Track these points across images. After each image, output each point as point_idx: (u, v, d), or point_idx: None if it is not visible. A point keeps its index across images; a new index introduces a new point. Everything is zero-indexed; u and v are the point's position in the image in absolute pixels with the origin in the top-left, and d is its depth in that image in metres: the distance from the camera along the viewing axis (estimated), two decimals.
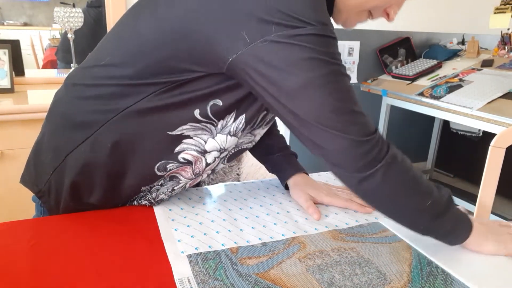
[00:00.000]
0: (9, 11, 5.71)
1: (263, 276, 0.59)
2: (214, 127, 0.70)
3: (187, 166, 0.74)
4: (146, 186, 0.76)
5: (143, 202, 0.79)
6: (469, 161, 3.01)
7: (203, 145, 0.72)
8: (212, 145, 0.72)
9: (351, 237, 0.71)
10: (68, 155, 0.71)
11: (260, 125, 0.77)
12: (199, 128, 0.69)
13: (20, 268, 0.59)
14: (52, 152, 0.74)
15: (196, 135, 0.70)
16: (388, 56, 2.83)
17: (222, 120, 0.70)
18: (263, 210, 0.80)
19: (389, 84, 2.68)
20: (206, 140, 0.71)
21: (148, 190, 0.77)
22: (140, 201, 0.79)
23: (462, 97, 2.15)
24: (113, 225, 0.72)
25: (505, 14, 2.50)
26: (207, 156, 0.74)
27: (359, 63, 2.78)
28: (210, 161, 0.75)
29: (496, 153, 0.93)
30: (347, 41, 2.70)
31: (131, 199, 0.79)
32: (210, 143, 0.72)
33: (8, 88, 1.78)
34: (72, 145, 0.71)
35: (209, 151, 0.73)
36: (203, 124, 0.69)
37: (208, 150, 0.73)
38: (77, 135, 0.70)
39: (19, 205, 1.32)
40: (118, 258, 0.62)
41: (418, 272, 0.62)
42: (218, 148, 0.73)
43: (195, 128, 0.69)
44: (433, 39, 3.00)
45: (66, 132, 0.72)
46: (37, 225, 0.71)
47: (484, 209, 0.94)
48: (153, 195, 0.78)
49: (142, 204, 0.79)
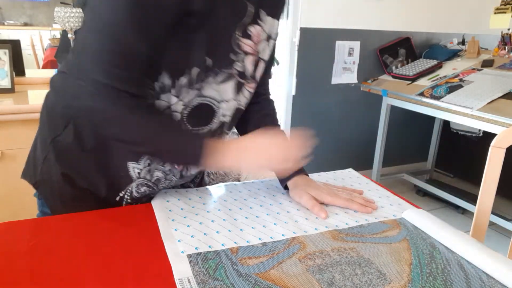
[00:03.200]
0: (9, 11, 5.72)
1: (263, 276, 0.59)
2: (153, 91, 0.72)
3: None
4: (133, 161, 0.78)
5: (142, 189, 0.81)
6: (469, 161, 3.01)
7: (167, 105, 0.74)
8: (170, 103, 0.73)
9: (351, 237, 0.72)
10: (52, 142, 0.77)
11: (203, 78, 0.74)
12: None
13: (20, 268, 0.59)
14: (41, 143, 0.81)
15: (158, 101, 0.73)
16: (389, 56, 2.83)
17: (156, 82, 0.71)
18: (263, 210, 0.80)
19: (389, 84, 2.68)
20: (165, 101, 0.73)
21: (139, 169, 0.79)
22: (138, 188, 0.81)
23: (462, 97, 2.15)
24: (113, 225, 0.72)
25: (505, 14, 2.50)
26: (168, 111, 0.74)
27: (359, 63, 2.79)
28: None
29: (496, 153, 0.93)
30: (347, 41, 2.71)
31: (125, 183, 0.80)
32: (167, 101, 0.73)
33: (9, 88, 1.78)
34: (54, 132, 0.77)
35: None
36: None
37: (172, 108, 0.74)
38: (59, 123, 0.77)
39: (20, 205, 1.32)
40: (118, 258, 0.62)
41: (418, 272, 0.62)
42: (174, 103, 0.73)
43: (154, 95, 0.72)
44: (433, 39, 3.01)
45: (50, 122, 0.79)
46: (37, 225, 0.71)
47: (484, 209, 0.94)
48: (146, 174, 0.80)
49: (142, 191, 0.81)
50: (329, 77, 2.74)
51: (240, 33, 0.73)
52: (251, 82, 0.82)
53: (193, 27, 0.67)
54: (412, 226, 0.76)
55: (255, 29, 0.75)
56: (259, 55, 0.80)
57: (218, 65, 0.72)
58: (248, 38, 0.75)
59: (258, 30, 0.76)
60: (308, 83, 2.66)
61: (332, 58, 2.70)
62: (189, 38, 0.68)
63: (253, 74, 0.82)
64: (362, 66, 2.81)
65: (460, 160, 3.11)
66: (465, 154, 3.05)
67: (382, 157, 2.76)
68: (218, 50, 0.71)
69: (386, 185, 0.98)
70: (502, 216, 2.23)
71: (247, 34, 0.74)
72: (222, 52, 0.72)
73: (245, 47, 0.75)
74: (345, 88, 2.81)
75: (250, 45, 0.75)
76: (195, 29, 0.67)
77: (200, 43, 0.68)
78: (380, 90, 2.65)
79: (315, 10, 2.55)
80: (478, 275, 0.62)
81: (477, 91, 2.16)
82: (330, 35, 2.64)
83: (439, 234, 0.72)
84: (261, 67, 0.83)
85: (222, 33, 0.70)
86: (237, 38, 0.73)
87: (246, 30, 0.74)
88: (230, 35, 0.71)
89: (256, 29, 0.75)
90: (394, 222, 0.78)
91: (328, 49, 2.67)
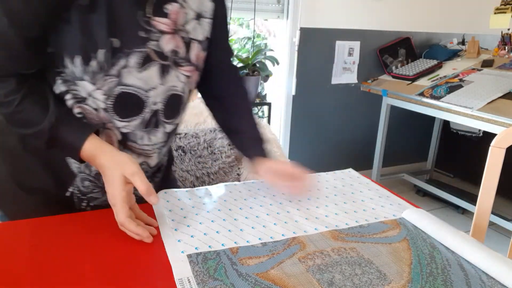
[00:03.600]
0: None
1: (263, 276, 0.59)
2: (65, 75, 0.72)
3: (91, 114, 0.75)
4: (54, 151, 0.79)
5: (85, 183, 0.81)
6: (469, 161, 3.01)
7: (80, 93, 0.73)
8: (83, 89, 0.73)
9: (351, 237, 0.72)
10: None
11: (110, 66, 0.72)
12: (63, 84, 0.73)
13: (20, 268, 0.59)
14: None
15: (69, 91, 0.73)
16: (389, 56, 2.83)
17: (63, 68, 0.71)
18: (263, 210, 0.80)
19: (389, 84, 2.68)
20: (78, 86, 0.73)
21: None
22: (82, 183, 0.81)
23: (462, 97, 2.15)
24: (113, 225, 0.72)
25: (505, 14, 2.50)
26: (90, 101, 0.73)
27: (359, 63, 2.79)
28: (101, 106, 0.74)
29: (496, 153, 0.93)
30: (347, 41, 2.71)
31: (70, 178, 0.80)
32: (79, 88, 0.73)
33: None
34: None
35: (87, 96, 0.73)
36: (61, 76, 0.72)
37: (85, 95, 0.73)
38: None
39: None
40: (118, 258, 0.62)
41: (418, 272, 0.62)
42: (88, 92, 0.72)
43: (63, 83, 0.72)
44: (433, 39, 3.01)
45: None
46: (37, 225, 0.71)
47: (484, 209, 0.94)
48: (85, 169, 0.80)
49: (86, 185, 0.81)
50: (329, 77, 2.74)
51: (151, 10, 0.71)
52: (186, 65, 0.80)
53: (88, 9, 0.65)
54: (412, 226, 0.76)
55: (173, 6, 0.74)
56: (189, 35, 0.79)
57: (127, 45, 0.70)
58: (165, 16, 0.73)
59: (176, 8, 0.74)
60: (308, 83, 2.66)
61: (332, 58, 2.70)
62: (87, 20, 0.66)
63: (186, 56, 0.80)
64: (362, 66, 2.80)
65: (460, 160, 3.11)
66: (465, 154, 3.05)
67: (382, 157, 2.76)
68: (124, 30, 0.69)
69: (386, 185, 0.98)
70: (502, 216, 2.23)
71: (164, 13, 0.73)
72: (129, 31, 0.70)
73: (160, 26, 0.73)
74: (345, 88, 2.81)
75: (166, 23, 0.73)
76: (90, 10, 0.66)
77: (100, 23, 0.67)
78: (380, 90, 2.65)
79: (315, 10, 2.55)
80: (478, 275, 0.62)
81: (477, 91, 2.16)
82: (330, 35, 2.64)
83: (439, 234, 0.72)
84: (196, 48, 0.81)
85: (123, 11, 0.68)
86: (146, 16, 0.71)
87: (161, 8, 0.72)
88: (134, 13, 0.70)
89: (174, 6, 0.74)
90: (394, 222, 0.78)
91: (328, 49, 2.67)
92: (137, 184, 0.68)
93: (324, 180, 0.96)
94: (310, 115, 2.75)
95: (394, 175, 3.04)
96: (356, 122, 2.93)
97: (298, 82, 2.62)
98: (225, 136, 1.02)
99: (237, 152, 0.97)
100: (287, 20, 2.53)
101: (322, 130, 2.82)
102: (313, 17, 2.55)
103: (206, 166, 1.35)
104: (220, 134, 1.38)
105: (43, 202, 0.80)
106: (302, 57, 2.59)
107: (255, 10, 2.39)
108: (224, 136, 1.33)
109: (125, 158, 0.71)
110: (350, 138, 2.95)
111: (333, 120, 2.84)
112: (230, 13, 2.31)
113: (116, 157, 0.71)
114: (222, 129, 1.01)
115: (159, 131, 0.81)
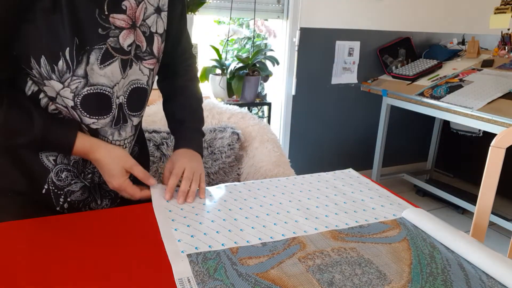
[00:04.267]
0: None
1: (263, 276, 0.59)
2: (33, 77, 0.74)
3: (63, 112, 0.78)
4: (44, 151, 0.80)
5: (62, 175, 0.81)
6: (469, 161, 3.01)
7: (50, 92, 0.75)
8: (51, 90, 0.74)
9: (351, 237, 0.72)
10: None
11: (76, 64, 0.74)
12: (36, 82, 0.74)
13: (20, 268, 0.59)
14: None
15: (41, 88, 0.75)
16: (388, 56, 2.83)
17: (30, 70, 0.72)
18: (263, 210, 0.80)
19: (389, 84, 2.68)
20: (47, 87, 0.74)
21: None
22: (58, 176, 0.81)
23: (462, 97, 2.15)
24: (113, 225, 0.72)
25: (505, 14, 2.50)
26: (60, 99, 0.75)
27: (359, 63, 2.79)
28: (69, 104, 0.75)
29: (496, 153, 0.93)
30: (347, 41, 2.71)
31: (44, 175, 0.81)
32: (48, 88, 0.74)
33: None
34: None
35: (57, 95, 0.75)
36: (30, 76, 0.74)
37: (54, 95, 0.75)
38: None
39: None
40: (118, 258, 0.62)
41: (418, 272, 0.62)
42: (57, 90, 0.74)
43: (38, 82, 0.74)
44: (433, 39, 3.01)
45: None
46: (37, 225, 0.71)
47: (484, 209, 0.94)
48: (63, 159, 0.81)
49: (63, 177, 0.82)
50: (329, 77, 2.73)
51: (108, 8, 0.73)
52: (149, 59, 0.83)
53: (51, 10, 0.67)
54: (412, 226, 0.76)
55: (130, 2, 0.76)
56: (150, 29, 0.82)
57: (88, 43, 0.72)
58: (123, 13, 0.75)
59: (132, 3, 0.76)
60: (308, 83, 2.66)
61: (332, 58, 2.70)
62: (51, 21, 0.68)
63: (148, 50, 0.83)
64: (362, 66, 2.80)
65: (460, 160, 3.11)
66: (465, 154, 3.05)
67: (382, 157, 2.76)
68: (84, 28, 0.71)
69: (386, 185, 0.98)
70: (502, 216, 2.23)
71: (121, 9, 0.75)
72: (89, 29, 0.72)
73: (118, 22, 0.75)
74: (345, 88, 2.81)
75: (123, 19, 0.76)
76: (53, 11, 0.67)
77: (63, 23, 0.68)
78: (380, 90, 2.65)
79: (315, 10, 2.55)
80: (478, 275, 0.62)
81: (477, 91, 2.16)
82: (330, 35, 2.64)
83: (439, 234, 0.72)
84: (158, 41, 0.84)
85: (83, 10, 0.70)
86: (104, 14, 0.73)
87: (119, 5, 0.75)
88: (93, 11, 0.71)
89: (130, 2, 0.76)
90: (394, 222, 0.78)
91: (328, 49, 2.67)
92: (137, 174, 0.83)
93: (324, 180, 0.96)
94: (310, 115, 2.75)
95: (394, 175, 3.04)
96: (356, 122, 2.93)
97: (298, 82, 2.62)
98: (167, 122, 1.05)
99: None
100: (287, 20, 2.53)
101: (322, 130, 2.82)
102: (313, 17, 2.55)
103: (206, 166, 1.35)
104: (220, 134, 1.38)
105: (20, 203, 0.80)
106: (302, 57, 2.59)
107: (255, 10, 2.39)
108: (223, 136, 1.33)
109: (121, 152, 0.81)
110: (350, 138, 2.95)
111: (333, 120, 2.84)
112: (230, 13, 2.31)
113: (112, 152, 0.80)
114: (166, 116, 1.05)
115: (128, 125, 0.84)
